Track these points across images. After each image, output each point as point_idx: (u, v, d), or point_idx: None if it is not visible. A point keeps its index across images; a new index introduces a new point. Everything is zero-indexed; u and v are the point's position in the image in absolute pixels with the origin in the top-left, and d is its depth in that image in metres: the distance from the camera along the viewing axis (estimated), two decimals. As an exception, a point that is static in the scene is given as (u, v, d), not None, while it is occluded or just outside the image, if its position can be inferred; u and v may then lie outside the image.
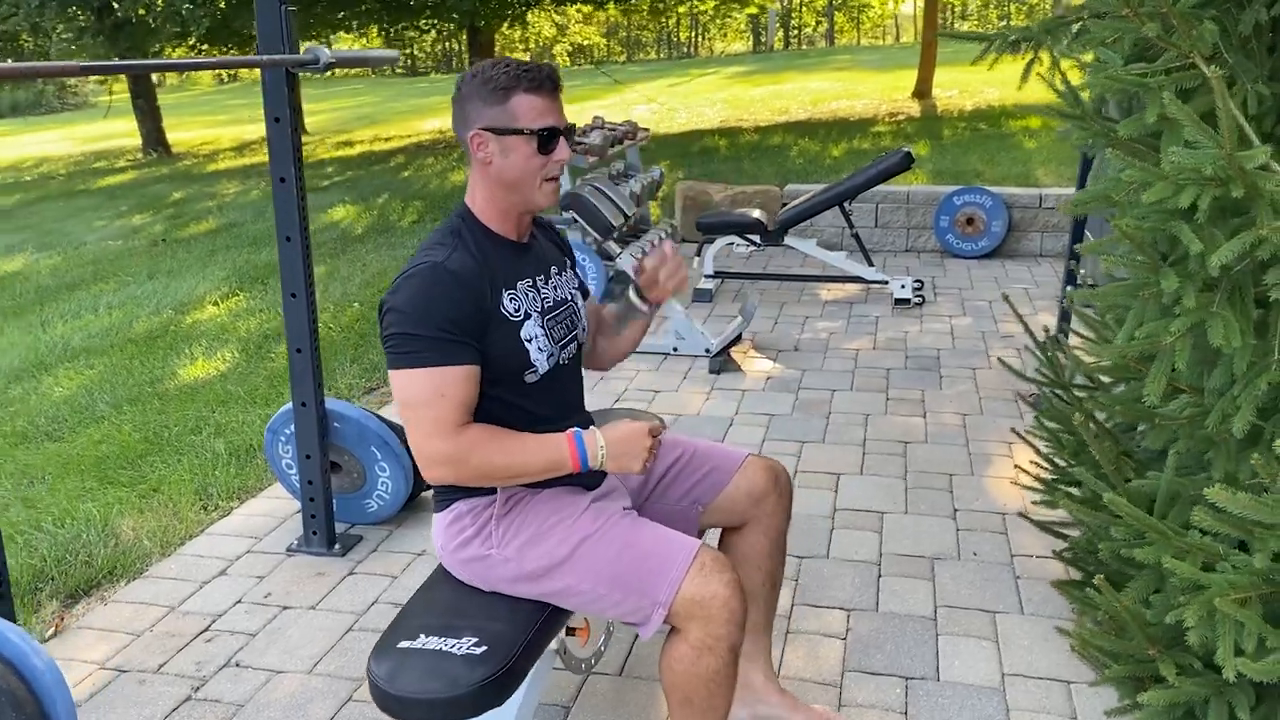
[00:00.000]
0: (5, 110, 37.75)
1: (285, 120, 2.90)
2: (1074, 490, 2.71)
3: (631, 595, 1.89)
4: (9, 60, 15.16)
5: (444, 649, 1.85)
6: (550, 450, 1.88)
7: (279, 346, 5.51)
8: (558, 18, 22.77)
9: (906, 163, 5.87)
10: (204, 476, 3.74)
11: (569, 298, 2.11)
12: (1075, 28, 2.29)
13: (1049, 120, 7.53)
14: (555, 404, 2.03)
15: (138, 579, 3.10)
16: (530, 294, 1.99)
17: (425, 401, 1.82)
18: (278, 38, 2.82)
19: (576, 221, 5.05)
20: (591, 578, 1.91)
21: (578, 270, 2.23)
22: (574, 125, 2.00)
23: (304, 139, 17.44)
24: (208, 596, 2.99)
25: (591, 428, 1.93)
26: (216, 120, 25.70)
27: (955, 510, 3.41)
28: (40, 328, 6.16)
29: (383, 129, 19.04)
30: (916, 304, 5.91)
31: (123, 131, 19.64)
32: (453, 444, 1.82)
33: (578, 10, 20.70)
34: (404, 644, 1.87)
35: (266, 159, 13.34)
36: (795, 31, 64.62)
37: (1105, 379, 2.77)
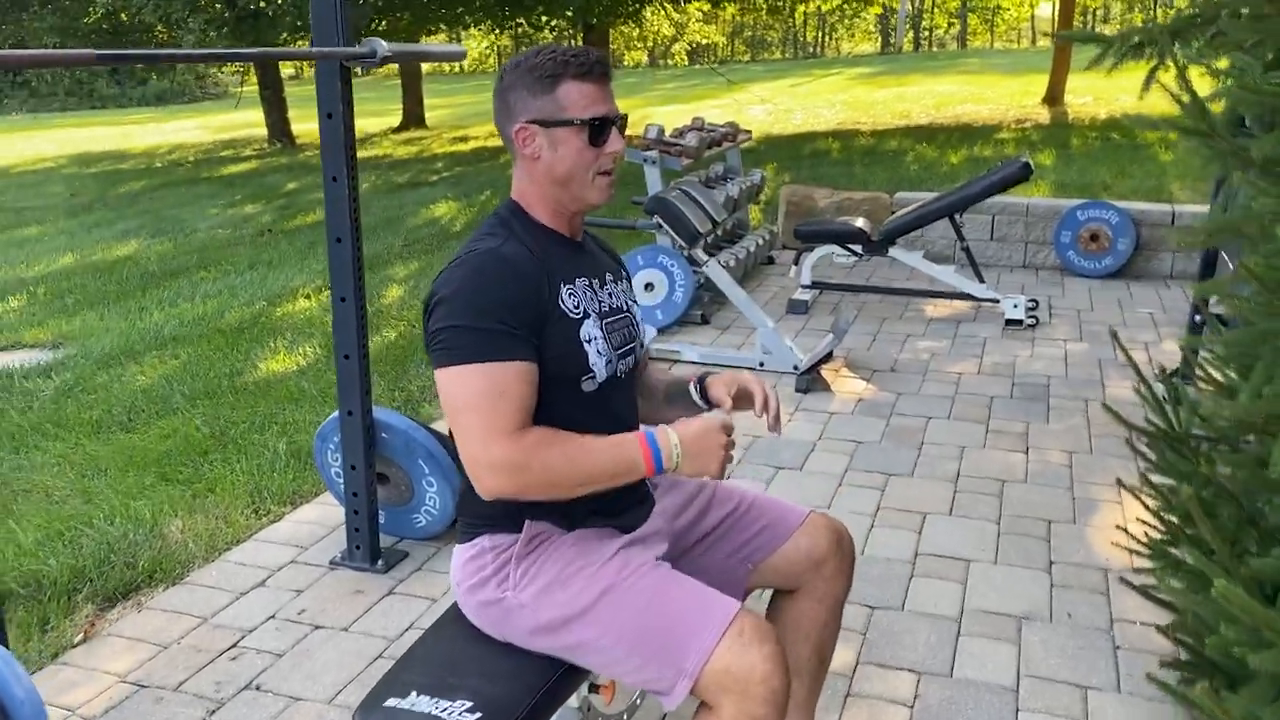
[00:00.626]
0: (151, 98, 39.52)
1: (339, 116, 2.76)
2: (1186, 557, 2.37)
3: (654, 660, 1.65)
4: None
5: (434, 712, 1.65)
6: (621, 451, 1.65)
7: (360, 343, 5.44)
8: (676, 16, 22.57)
9: (1025, 173, 5.47)
10: (260, 479, 3.65)
11: (626, 307, 1.89)
12: (1208, 30, 1.97)
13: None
14: (612, 420, 1.80)
15: (176, 585, 3.01)
16: (588, 293, 1.79)
17: (481, 403, 1.60)
18: (332, 29, 2.68)
19: (662, 227, 4.83)
20: (612, 635, 1.68)
21: (632, 285, 2.01)
22: (625, 115, 1.79)
23: (422, 134, 17.70)
24: (242, 609, 2.88)
25: (662, 425, 1.69)
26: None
27: (1051, 563, 3.08)
28: (138, 314, 6.25)
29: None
30: (1029, 325, 5.51)
31: (255, 121, 20.24)
32: (514, 447, 1.59)
33: (697, 9, 20.46)
34: (392, 702, 1.68)
35: (382, 152, 13.55)
36: (926, 33, 63.14)
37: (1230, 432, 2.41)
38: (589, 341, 1.74)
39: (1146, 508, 2.66)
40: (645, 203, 4.83)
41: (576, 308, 1.74)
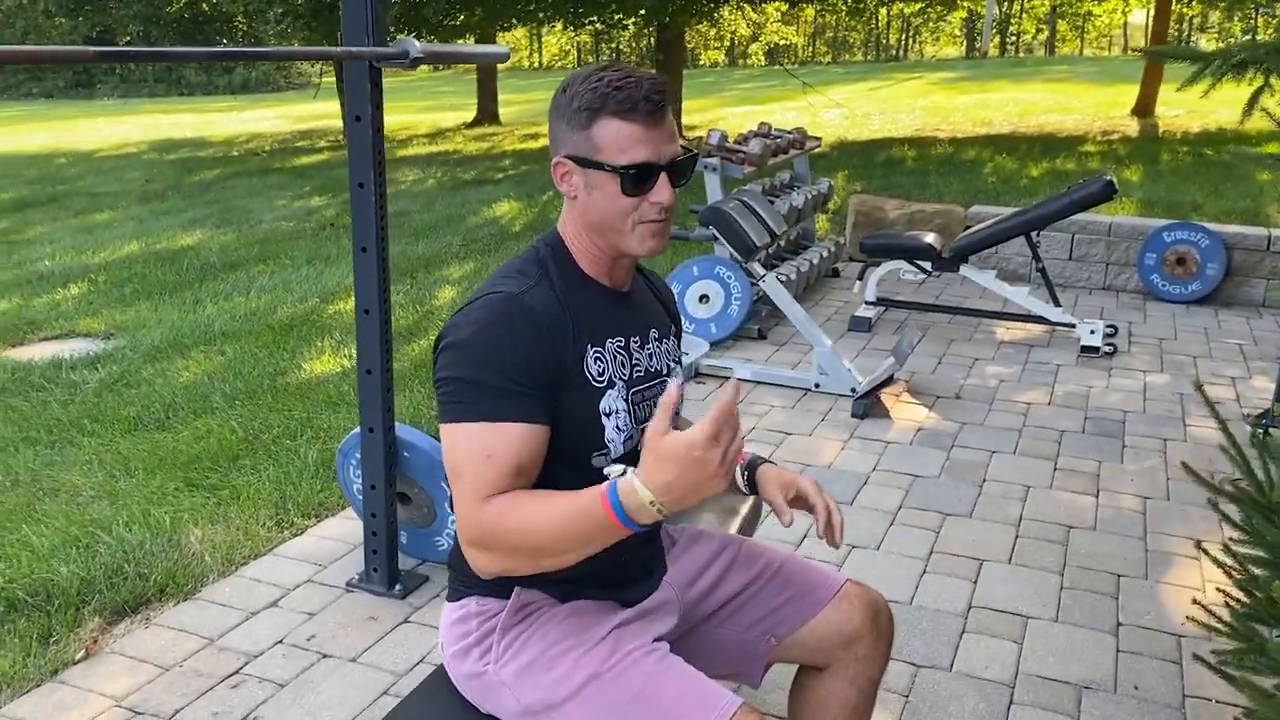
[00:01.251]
0: (236, 87, 40.35)
1: (367, 119, 2.61)
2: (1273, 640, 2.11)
3: None
4: (224, 42, 15.98)
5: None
6: (581, 512, 1.33)
7: (406, 346, 5.34)
8: (754, 16, 22.26)
9: (1107, 193, 5.16)
10: (286, 488, 3.54)
11: (664, 370, 1.67)
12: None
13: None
14: None
15: (188, 600, 2.90)
16: (619, 357, 1.58)
17: (466, 466, 1.41)
18: (362, 28, 2.53)
19: (717, 239, 4.63)
20: None
21: (680, 340, 1.80)
22: (693, 152, 1.55)
23: (494, 130, 17.69)
24: (250, 631, 2.75)
25: (629, 473, 1.32)
26: (424, 105, 26.58)
27: (1119, 624, 2.82)
28: (192, 306, 6.23)
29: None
30: (1106, 353, 5.19)
31: (333, 112, 20.44)
32: (477, 519, 1.40)
33: (776, 9, 20.14)
34: (362, 777, 1.52)
35: (453, 148, 13.54)
36: (1013, 39, 61.70)
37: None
38: (608, 415, 1.54)
39: (1229, 575, 2.40)
40: (701, 212, 4.63)
41: (601, 375, 1.54)
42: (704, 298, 5.30)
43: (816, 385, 4.66)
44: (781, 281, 5.63)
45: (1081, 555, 3.20)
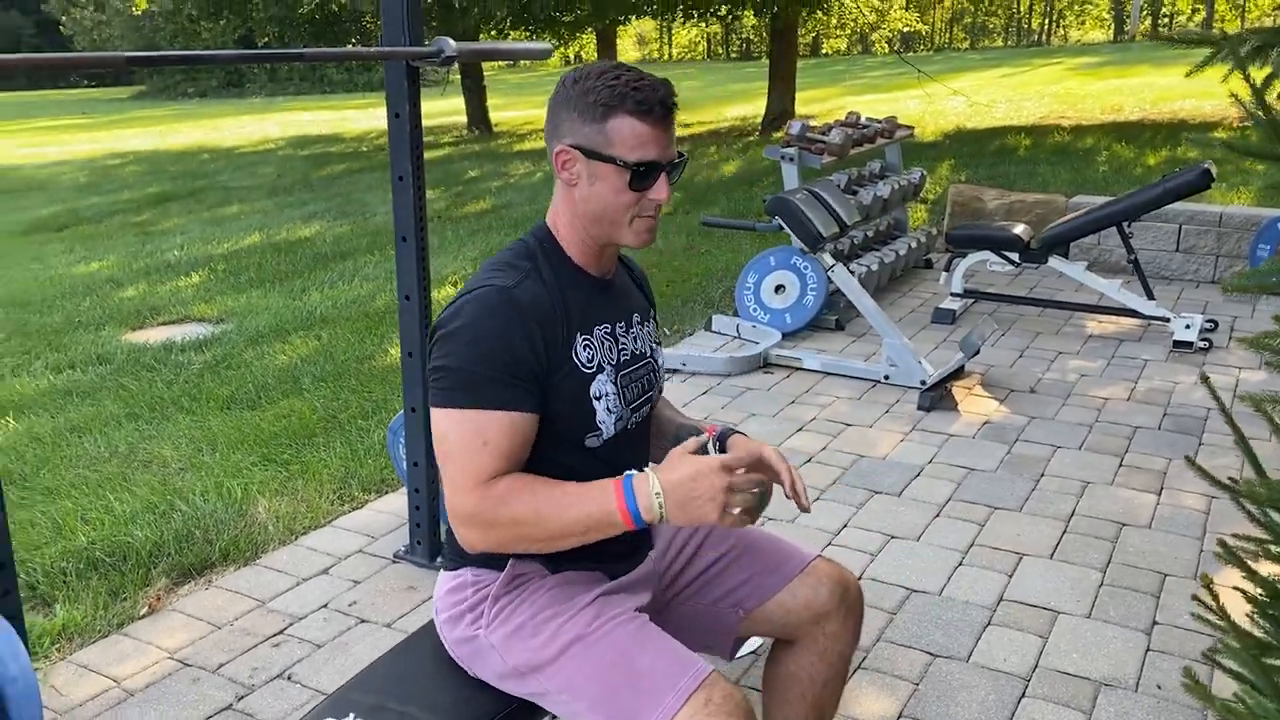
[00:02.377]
0: (376, 84, 41.74)
1: (405, 116, 2.76)
2: None
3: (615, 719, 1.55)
4: (354, 41, 16.63)
5: (360, 740, 1.61)
6: (592, 500, 1.50)
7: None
8: (877, 3, 21.85)
9: (1203, 181, 4.95)
10: (352, 464, 3.75)
11: (648, 352, 1.77)
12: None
13: None
14: (623, 461, 1.69)
15: (247, 566, 3.12)
16: (607, 343, 1.68)
17: (461, 451, 1.53)
18: (400, 28, 2.68)
19: (783, 229, 4.64)
20: (575, 689, 1.58)
21: (657, 320, 1.88)
22: (685, 156, 1.64)
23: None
24: (299, 595, 2.95)
25: (647, 469, 1.54)
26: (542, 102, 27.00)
27: (1154, 623, 2.75)
28: (299, 294, 6.58)
29: (690, 114, 19.15)
30: (1200, 349, 4.99)
31: (459, 109, 21.01)
32: (482, 500, 1.52)
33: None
34: (328, 721, 1.65)
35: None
36: (1165, 20, 58.71)
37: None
38: (599, 398, 1.64)
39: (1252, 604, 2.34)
40: (767, 203, 4.66)
41: (590, 361, 1.63)
42: (780, 288, 5.31)
43: (886, 377, 4.62)
44: (863, 272, 5.59)
45: (1129, 553, 3.12)
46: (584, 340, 1.63)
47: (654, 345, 1.81)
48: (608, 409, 1.65)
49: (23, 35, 54.58)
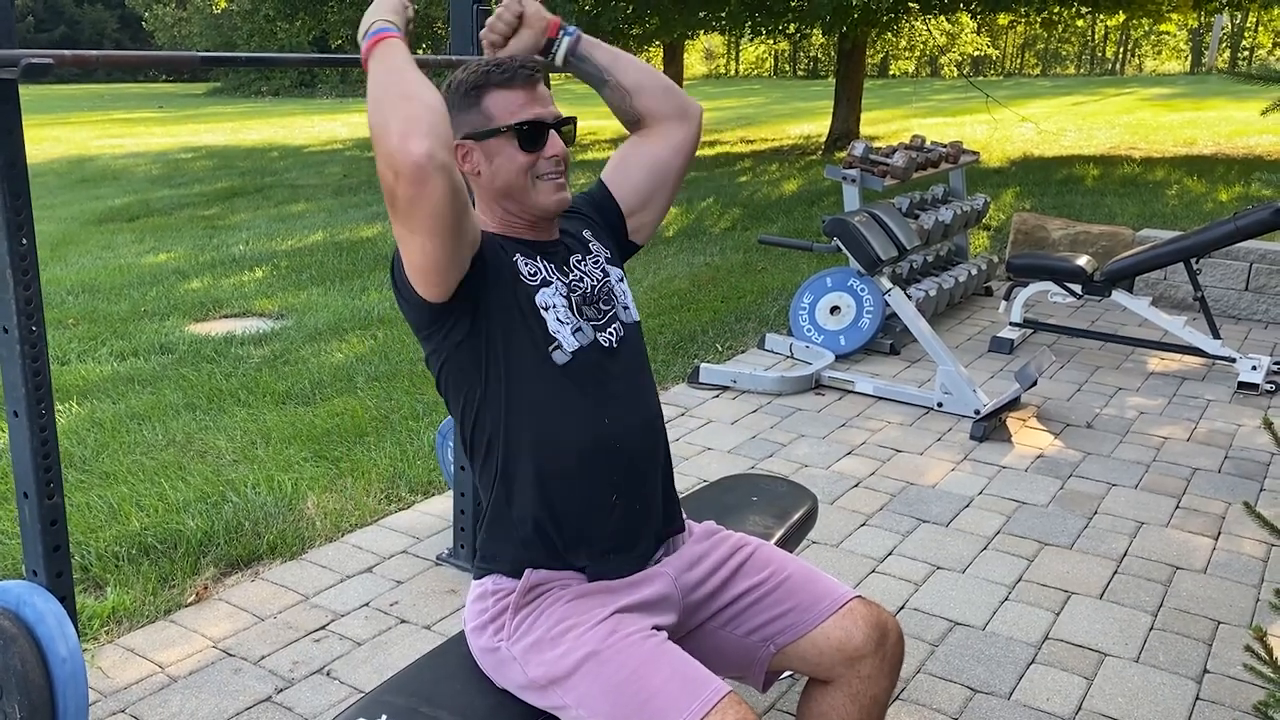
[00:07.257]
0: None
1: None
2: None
3: None
4: (424, 47, 16.82)
5: (395, 742, 1.62)
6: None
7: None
8: (948, 26, 21.67)
9: (1276, 220, 4.83)
10: (401, 465, 3.78)
11: (600, 277, 1.82)
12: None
13: None
14: (608, 394, 1.72)
15: (293, 560, 3.16)
16: (549, 267, 1.75)
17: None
18: (467, 37, 2.71)
19: (841, 251, 4.61)
20: (589, 706, 1.58)
21: (602, 234, 1.89)
22: (573, 118, 1.75)
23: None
24: (342, 592, 2.98)
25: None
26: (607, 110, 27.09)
27: (1205, 671, 2.68)
28: (359, 293, 6.67)
29: (753, 130, 19.15)
30: (1267, 391, 4.86)
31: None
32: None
33: (969, 21, 19.55)
34: (362, 721, 1.67)
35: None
36: (1244, 54, 57.45)
37: None
38: (546, 309, 1.70)
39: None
40: (826, 224, 4.63)
41: (533, 275, 1.71)
42: (835, 309, 5.27)
43: (939, 405, 4.57)
44: (920, 296, 5.54)
45: (1182, 597, 3.04)
46: (524, 260, 1.71)
47: (606, 266, 1.84)
48: (559, 319, 1.70)
49: (106, 29, 56.17)
